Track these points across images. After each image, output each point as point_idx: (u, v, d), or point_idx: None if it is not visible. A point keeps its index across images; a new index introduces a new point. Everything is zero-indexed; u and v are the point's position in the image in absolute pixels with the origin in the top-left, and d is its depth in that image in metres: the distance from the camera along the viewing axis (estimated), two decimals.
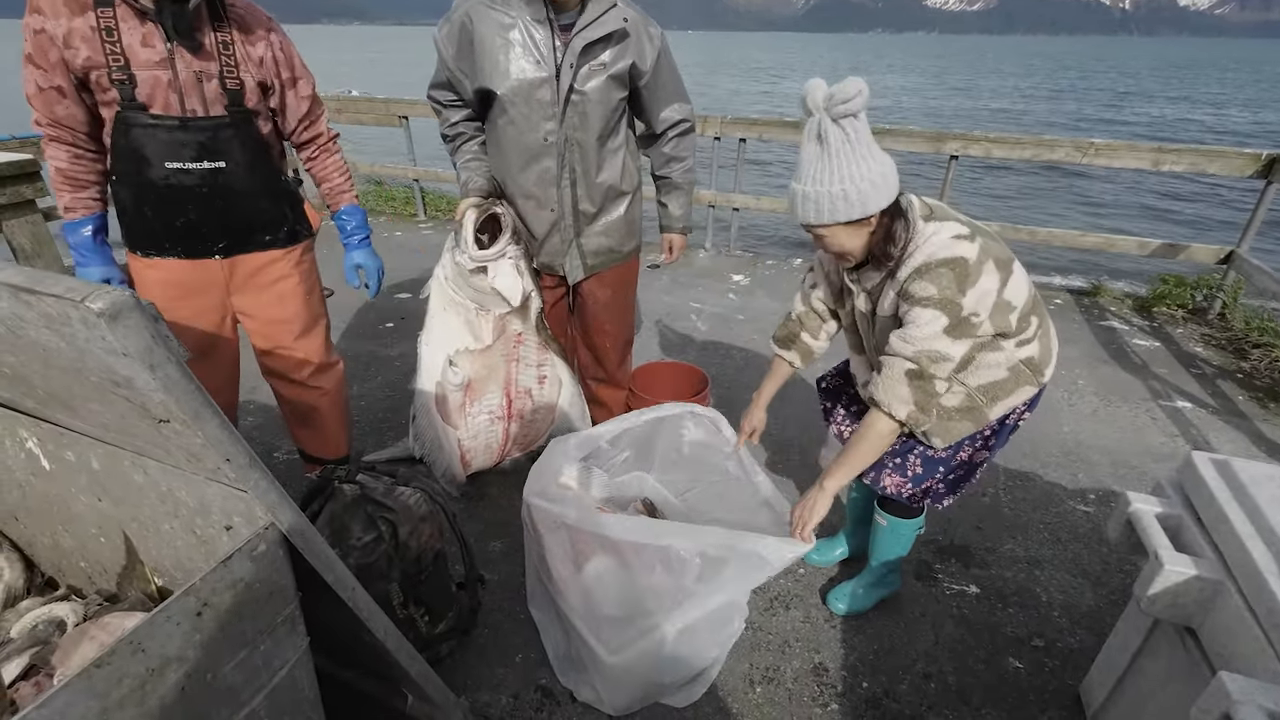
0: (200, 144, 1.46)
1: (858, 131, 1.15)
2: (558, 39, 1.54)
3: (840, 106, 1.12)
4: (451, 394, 1.75)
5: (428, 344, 1.73)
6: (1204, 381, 3.05)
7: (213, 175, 1.50)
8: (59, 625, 1.03)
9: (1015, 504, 2.22)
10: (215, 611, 0.74)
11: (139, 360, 0.61)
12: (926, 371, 1.23)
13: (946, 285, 1.20)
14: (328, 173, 1.78)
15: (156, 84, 1.39)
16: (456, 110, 1.73)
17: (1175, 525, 1.21)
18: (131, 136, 1.42)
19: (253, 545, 0.77)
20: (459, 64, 1.60)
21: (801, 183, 1.21)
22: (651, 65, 1.63)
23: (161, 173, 1.46)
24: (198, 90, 1.43)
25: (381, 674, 1.26)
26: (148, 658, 0.67)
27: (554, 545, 1.52)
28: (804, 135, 1.19)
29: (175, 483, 0.90)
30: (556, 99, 1.57)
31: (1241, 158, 3.34)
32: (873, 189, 1.18)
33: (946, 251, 1.22)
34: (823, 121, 1.15)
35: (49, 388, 0.86)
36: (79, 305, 0.61)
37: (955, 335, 1.22)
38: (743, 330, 3.52)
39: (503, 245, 1.62)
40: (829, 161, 1.17)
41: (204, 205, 1.52)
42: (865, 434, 1.30)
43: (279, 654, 0.86)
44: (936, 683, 1.59)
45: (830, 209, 1.19)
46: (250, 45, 1.48)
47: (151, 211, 1.50)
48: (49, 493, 1.09)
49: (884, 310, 1.35)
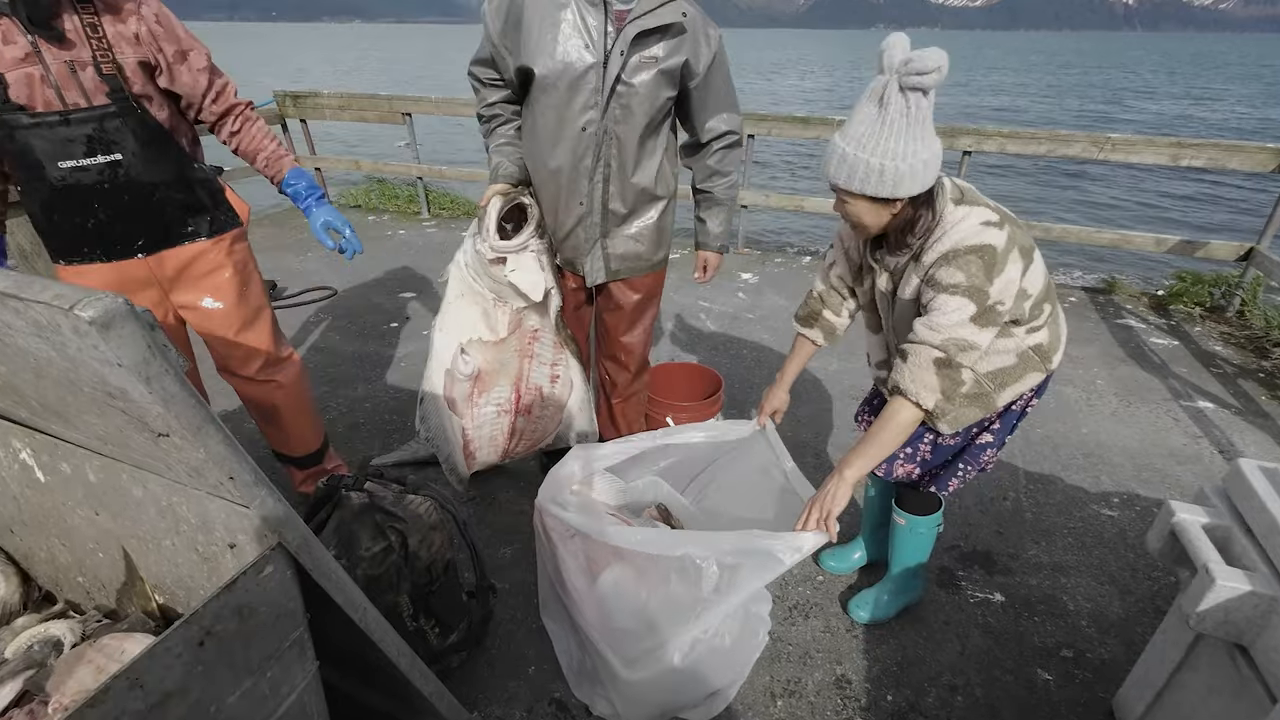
0: (89, 138, 1.38)
1: (920, 108, 1.09)
2: (610, 24, 1.45)
3: (914, 77, 1.05)
4: (460, 383, 1.70)
5: (442, 330, 1.68)
6: (1225, 381, 2.99)
7: (111, 169, 1.42)
8: (55, 645, 0.98)
9: (1037, 508, 2.17)
10: (218, 640, 0.69)
11: (134, 372, 0.56)
12: (954, 360, 1.18)
13: (975, 273, 1.15)
14: (258, 142, 1.66)
15: (30, 81, 1.30)
16: (495, 90, 1.65)
17: (1223, 537, 1.16)
18: (17, 140, 1.34)
19: (259, 567, 0.72)
20: (504, 39, 1.51)
21: (845, 140, 1.14)
22: (705, 67, 1.55)
23: (57, 174, 1.38)
24: (74, 81, 1.34)
25: (391, 691, 1.21)
26: (146, 694, 0.62)
27: (567, 555, 1.47)
28: (865, 93, 1.12)
29: (176, 498, 0.85)
30: (601, 87, 1.48)
31: (1263, 152, 3.27)
32: (910, 173, 1.12)
33: (976, 238, 1.17)
34: (890, 85, 1.08)
35: (42, 398, 0.81)
36: (69, 313, 0.56)
37: (981, 324, 1.18)
38: (753, 329, 3.46)
39: (525, 237, 1.56)
40: (880, 129, 1.10)
41: (110, 202, 1.45)
42: (888, 422, 1.24)
43: (287, 680, 0.81)
44: (964, 695, 1.54)
45: (862, 178, 1.13)
46: (120, 23, 1.38)
47: (59, 217, 1.43)
48: (45, 505, 1.04)
49: (905, 294, 1.30)
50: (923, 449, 1.49)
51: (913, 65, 1.04)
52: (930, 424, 1.38)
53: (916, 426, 1.28)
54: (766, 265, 4.38)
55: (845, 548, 1.91)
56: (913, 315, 1.29)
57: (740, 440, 1.70)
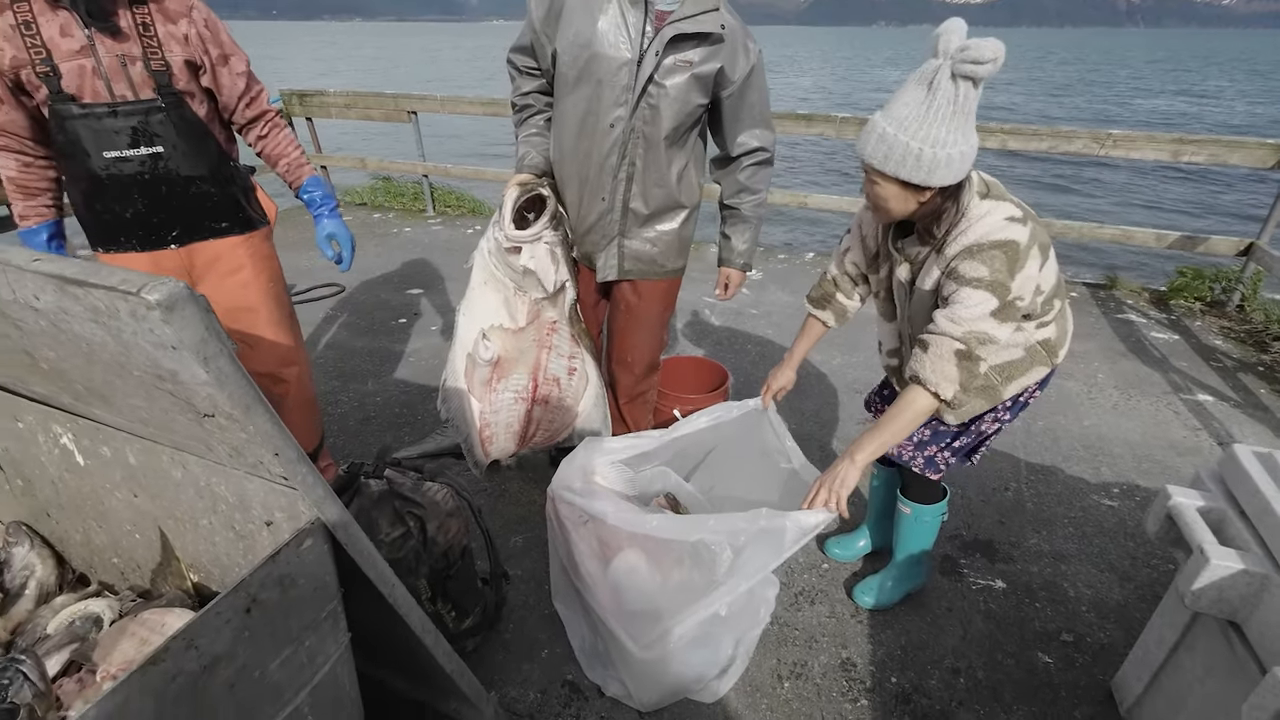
0: (133, 129, 1.45)
1: (968, 99, 1.08)
2: (650, 25, 1.47)
3: (969, 66, 1.04)
4: (480, 368, 1.74)
5: (466, 314, 1.72)
6: (1225, 374, 3.02)
7: (152, 161, 1.49)
8: (96, 621, 1.02)
9: (1038, 498, 2.21)
10: (263, 608, 0.73)
11: (192, 353, 0.60)
12: (974, 353, 1.20)
13: (998, 268, 1.17)
14: (282, 148, 1.73)
15: (82, 73, 1.38)
16: (531, 79, 1.67)
17: (1218, 519, 1.19)
18: (66, 129, 1.41)
19: (299, 540, 0.76)
20: (545, 27, 1.53)
21: (886, 120, 1.13)
22: (741, 78, 1.55)
23: (101, 163, 1.45)
24: (123, 75, 1.41)
25: (413, 671, 1.25)
26: (200, 655, 0.66)
27: (580, 541, 1.51)
28: (914, 75, 1.12)
29: (215, 478, 0.89)
30: (632, 85, 1.49)
31: (1263, 148, 3.29)
32: (947, 163, 1.12)
33: (1000, 234, 1.18)
34: (942, 70, 1.07)
35: (89, 382, 0.85)
36: (133, 297, 0.60)
37: (1002, 318, 1.19)
38: (757, 324, 3.50)
39: (539, 229, 1.59)
40: (925, 114, 1.09)
41: (149, 193, 1.51)
42: (904, 409, 1.26)
43: (322, 650, 0.85)
44: (966, 678, 1.58)
45: (898, 160, 1.13)
46: (171, 24, 1.45)
47: (100, 205, 1.50)
48: (82, 488, 1.08)
49: (925, 284, 1.31)
50: (921, 431, 1.51)
51: (969, 53, 1.03)
52: (938, 414, 1.40)
53: (929, 414, 1.29)
54: (770, 262, 4.42)
55: (850, 536, 1.95)
56: (931, 306, 1.31)
57: (742, 424, 1.72)
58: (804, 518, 1.28)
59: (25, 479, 1.16)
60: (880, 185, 1.20)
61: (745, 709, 1.50)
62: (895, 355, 1.57)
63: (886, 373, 1.66)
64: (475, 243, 1.74)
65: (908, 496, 1.64)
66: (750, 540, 1.31)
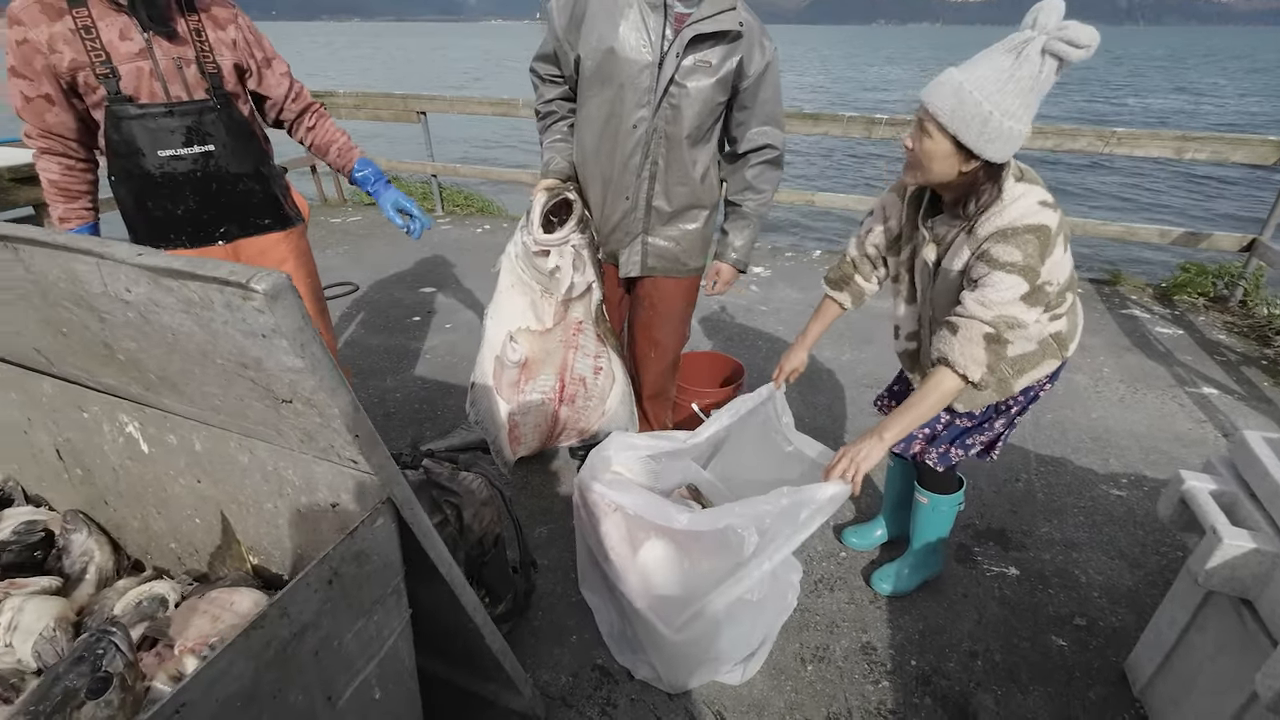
0: (188, 128, 1.52)
1: (1048, 79, 1.09)
2: (669, 27, 1.51)
3: (1063, 45, 1.04)
4: (508, 370, 1.79)
5: (493, 318, 1.77)
6: (1228, 368, 3.07)
7: (204, 159, 1.56)
8: (161, 601, 1.07)
9: (1049, 489, 2.25)
10: (342, 581, 0.78)
11: (289, 340, 0.65)
12: (1003, 336, 1.21)
13: (1031, 252, 1.17)
14: (331, 135, 1.81)
15: (140, 74, 1.44)
16: (554, 86, 1.71)
17: (1230, 501, 1.24)
18: (123, 129, 1.47)
19: (373, 518, 0.81)
20: (568, 34, 1.58)
21: (963, 74, 1.12)
22: (756, 74, 1.58)
23: (155, 162, 1.51)
24: (179, 76, 1.48)
25: (455, 653, 1.30)
26: (291, 623, 0.71)
27: (610, 529, 1.56)
28: (1001, 43, 1.11)
29: (283, 462, 0.94)
30: (654, 87, 1.54)
31: (1266, 145, 3.34)
32: (1006, 137, 1.12)
33: (1034, 218, 1.18)
34: (1034, 43, 1.06)
35: (163, 372, 0.90)
36: (236, 288, 0.65)
37: (1031, 302, 1.20)
38: (767, 321, 3.55)
39: (566, 232, 1.64)
40: (1006, 81, 1.08)
41: (200, 190, 1.58)
42: (932, 390, 1.27)
43: (388, 624, 0.90)
44: (984, 660, 1.63)
45: (964, 119, 1.12)
46: (221, 29, 1.54)
47: (152, 203, 1.56)
48: (145, 476, 1.13)
49: (953, 265, 1.30)
50: (936, 427, 1.55)
51: (1069, 33, 1.04)
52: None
53: (955, 396, 1.30)
54: (778, 259, 4.47)
55: (867, 525, 2.00)
56: (956, 288, 1.31)
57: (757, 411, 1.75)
58: (821, 490, 1.29)
59: (85, 468, 1.21)
60: (932, 140, 1.18)
61: (771, 690, 1.55)
62: (914, 339, 1.57)
63: (901, 360, 1.67)
64: (485, 241, 1.80)
65: (925, 487, 1.69)
66: (774, 520, 1.36)
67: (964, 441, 1.55)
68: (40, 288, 0.86)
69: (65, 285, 0.82)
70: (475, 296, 3.80)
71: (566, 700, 1.52)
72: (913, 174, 1.27)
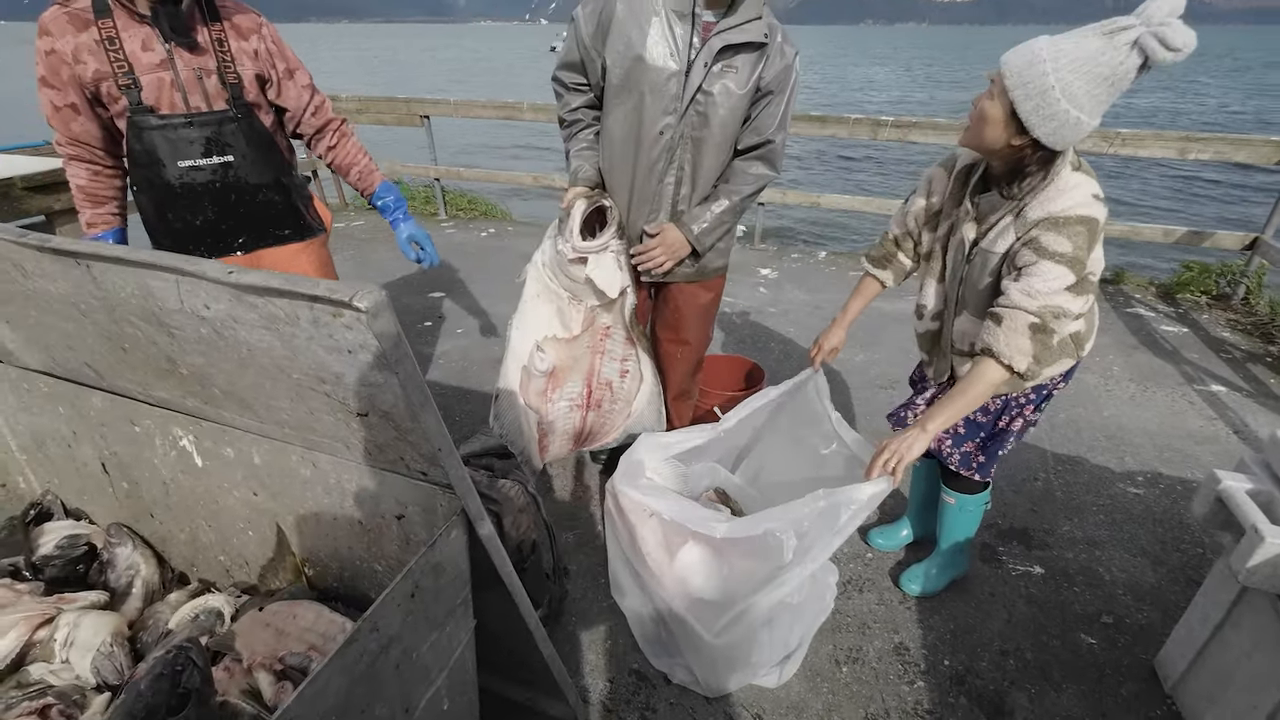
0: (207, 139, 1.52)
1: (1127, 73, 1.06)
2: (697, 36, 1.52)
3: (1155, 42, 1.01)
4: (536, 379, 1.79)
5: (518, 328, 1.77)
6: (1235, 366, 3.11)
7: (224, 169, 1.56)
8: (218, 615, 1.07)
9: (1067, 487, 2.28)
10: (422, 594, 0.78)
11: (386, 355, 0.65)
12: (1049, 326, 1.20)
13: (1080, 244, 1.16)
14: (353, 155, 1.80)
15: (160, 85, 1.44)
16: (579, 95, 1.71)
17: (1266, 500, 1.26)
18: (144, 139, 1.47)
19: (448, 530, 0.81)
20: (594, 42, 1.58)
21: (1049, 46, 1.09)
22: (775, 75, 1.59)
23: (175, 172, 1.51)
24: (199, 87, 1.48)
25: (501, 660, 1.30)
26: (379, 636, 0.72)
27: (647, 534, 1.56)
28: (1102, 25, 1.08)
29: (346, 475, 0.94)
30: (681, 95, 1.55)
31: (1268, 145, 3.39)
32: (1063, 121, 1.10)
33: (1086, 209, 1.17)
34: (1131, 32, 1.04)
35: (230, 386, 0.90)
36: (328, 305, 0.65)
37: (1077, 292, 1.20)
38: (777, 323, 3.56)
39: (607, 239, 1.64)
40: (1084, 61, 1.06)
41: (220, 201, 1.58)
42: (976, 380, 1.26)
43: (457, 635, 0.90)
44: (1015, 659, 1.64)
45: (1026, 86, 1.10)
46: (243, 39, 1.54)
47: (172, 214, 1.56)
48: (196, 489, 1.13)
49: (994, 245, 1.28)
50: (959, 428, 1.56)
51: (1166, 30, 1.01)
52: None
53: (1000, 387, 1.29)
54: (784, 261, 4.49)
55: (893, 526, 2.02)
56: (991, 271, 1.31)
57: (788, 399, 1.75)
58: (859, 491, 1.30)
59: (132, 481, 1.21)
60: (993, 101, 1.16)
61: (808, 693, 1.56)
62: (937, 319, 1.54)
63: (920, 343, 1.63)
64: (489, 245, 1.80)
65: (952, 487, 1.70)
66: (812, 524, 1.37)
67: (984, 443, 1.56)
68: (108, 304, 0.86)
69: (137, 301, 0.82)
70: (484, 301, 3.79)
71: (606, 705, 1.53)
72: (968, 134, 1.25)
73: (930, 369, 1.64)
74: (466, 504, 0.83)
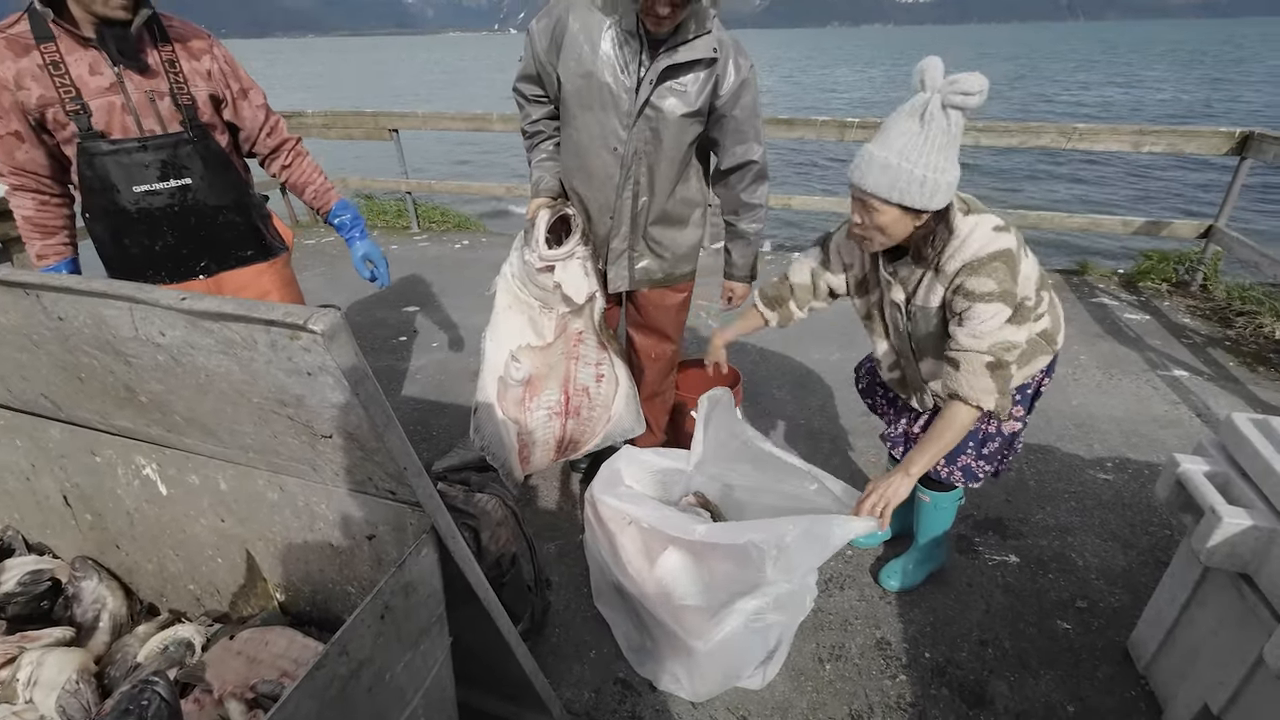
0: (163, 162, 1.48)
1: (957, 127, 1.18)
2: (645, 53, 1.54)
3: (958, 97, 1.13)
4: (512, 389, 1.79)
5: (492, 339, 1.77)
6: (1195, 350, 3.21)
7: (181, 193, 1.52)
8: (188, 646, 1.05)
9: (1039, 476, 2.33)
10: (393, 614, 0.78)
11: (346, 376, 0.65)
12: (1003, 360, 1.28)
13: (1003, 278, 1.25)
14: (308, 175, 1.77)
15: (111, 110, 1.40)
16: (539, 106, 1.73)
17: (1223, 482, 1.30)
18: (96, 166, 1.43)
19: (418, 548, 0.81)
20: (549, 57, 1.60)
21: (885, 150, 1.20)
22: (731, 91, 1.60)
23: (131, 198, 1.47)
24: (152, 110, 1.45)
25: (482, 676, 1.29)
26: (349, 660, 0.71)
27: (626, 542, 1.57)
28: (903, 109, 1.21)
29: (315, 497, 0.93)
30: (631, 111, 1.57)
31: (1217, 136, 3.51)
32: (945, 188, 1.21)
33: (994, 245, 1.26)
34: (933, 102, 1.16)
35: (191, 413, 0.89)
36: (282, 328, 0.65)
37: (1017, 322, 1.28)
38: None
39: (571, 246, 1.65)
40: (924, 143, 1.17)
41: (179, 225, 1.54)
42: (948, 425, 1.33)
43: (432, 654, 0.90)
44: (994, 648, 1.67)
45: (903, 188, 1.20)
46: (195, 60, 1.51)
47: (129, 240, 1.52)
48: (162, 518, 1.11)
49: (930, 301, 1.37)
50: None
51: (959, 85, 1.13)
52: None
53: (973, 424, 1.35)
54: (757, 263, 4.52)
55: None
56: (937, 320, 1.38)
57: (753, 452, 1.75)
58: (849, 524, 1.34)
59: (95, 513, 1.18)
60: (880, 212, 1.26)
61: (793, 692, 1.57)
62: (896, 368, 1.61)
63: (893, 386, 1.69)
64: (464, 257, 1.80)
65: (927, 486, 1.73)
66: (795, 541, 1.38)
67: (981, 452, 1.59)
68: (60, 334, 0.84)
69: (90, 330, 0.81)
70: (459, 314, 3.77)
71: (592, 716, 1.53)
72: (869, 245, 1.36)
73: (914, 401, 1.66)
74: (436, 521, 0.83)
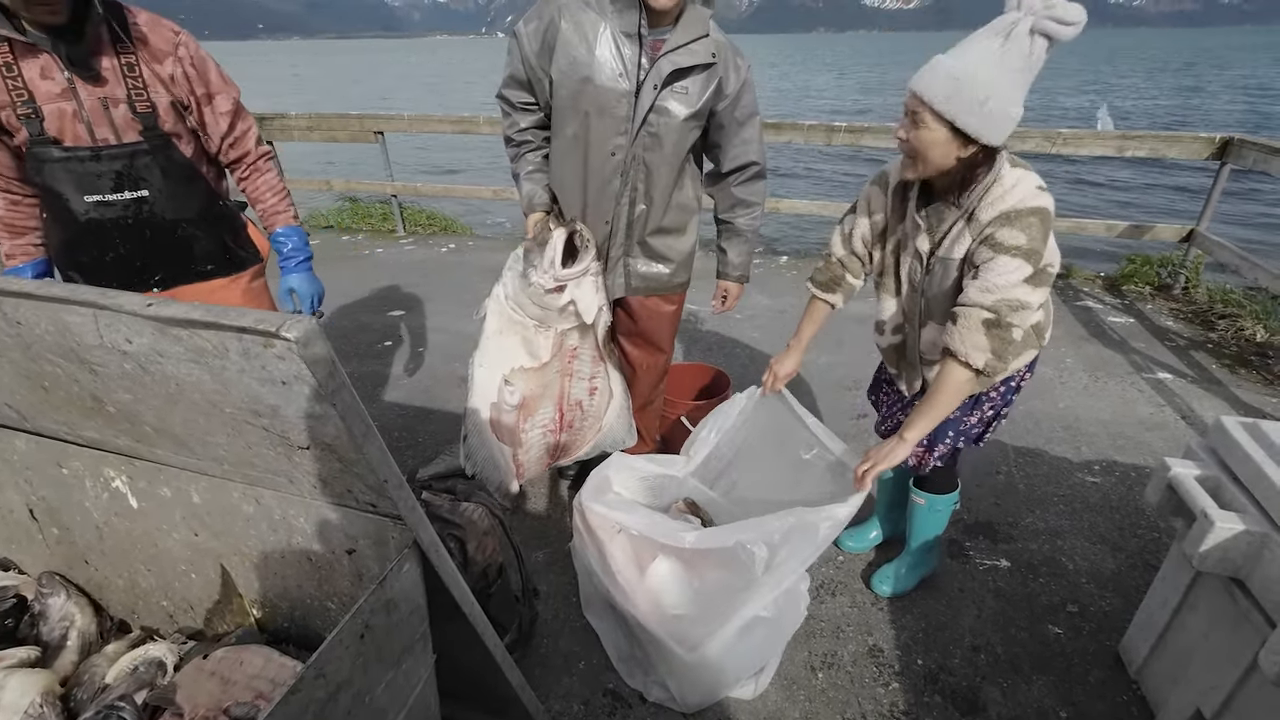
0: (117, 173, 1.41)
1: (1038, 59, 1.09)
2: (644, 56, 1.50)
3: (1052, 24, 1.04)
4: (506, 414, 1.73)
5: (482, 365, 1.70)
6: (1179, 353, 3.24)
7: (137, 205, 1.45)
8: (159, 665, 1.01)
9: (1028, 479, 2.33)
10: (373, 634, 0.75)
11: (321, 386, 0.62)
12: (1004, 320, 1.20)
13: (1035, 235, 1.17)
14: (259, 193, 1.68)
15: (63, 116, 1.34)
16: (527, 114, 1.67)
17: (1214, 485, 1.30)
18: (45, 173, 1.37)
19: (400, 564, 0.78)
20: (540, 61, 1.55)
21: (954, 59, 1.12)
22: (732, 93, 1.58)
23: (82, 207, 1.41)
24: (106, 118, 1.37)
25: (467, 691, 1.26)
26: (327, 683, 0.68)
27: (616, 550, 1.54)
28: (988, 27, 1.12)
29: (292, 510, 0.90)
30: (631, 115, 1.53)
31: (1198, 141, 3.56)
32: (1004, 121, 1.12)
33: (1035, 200, 1.19)
34: (1021, 24, 1.07)
35: (162, 423, 0.85)
36: (256, 335, 0.61)
37: (1035, 284, 1.20)
38: (742, 329, 3.58)
39: (587, 264, 1.59)
40: (996, 63, 1.09)
41: (132, 237, 1.47)
42: (943, 385, 1.27)
43: (415, 672, 0.87)
44: (986, 654, 1.66)
45: (961, 103, 1.11)
46: (157, 64, 1.41)
47: (79, 249, 1.46)
48: (133, 532, 1.06)
49: (951, 252, 1.29)
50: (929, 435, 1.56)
51: (1056, 11, 1.04)
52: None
53: (971, 387, 1.29)
54: None
55: (862, 528, 2.03)
56: (955, 276, 1.30)
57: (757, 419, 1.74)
58: (836, 509, 1.33)
59: (62, 527, 1.14)
60: (928, 129, 1.17)
61: (785, 701, 1.54)
62: (899, 332, 1.54)
63: (885, 356, 1.64)
64: (450, 261, 1.75)
65: (922, 488, 1.71)
66: (785, 537, 1.36)
67: (959, 440, 1.58)
68: (22, 341, 0.81)
69: (53, 338, 0.77)
70: (445, 318, 3.73)
71: None
72: (911, 167, 1.26)
73: (902, 383, 1.63)
74: (419, 535, 0.80)
